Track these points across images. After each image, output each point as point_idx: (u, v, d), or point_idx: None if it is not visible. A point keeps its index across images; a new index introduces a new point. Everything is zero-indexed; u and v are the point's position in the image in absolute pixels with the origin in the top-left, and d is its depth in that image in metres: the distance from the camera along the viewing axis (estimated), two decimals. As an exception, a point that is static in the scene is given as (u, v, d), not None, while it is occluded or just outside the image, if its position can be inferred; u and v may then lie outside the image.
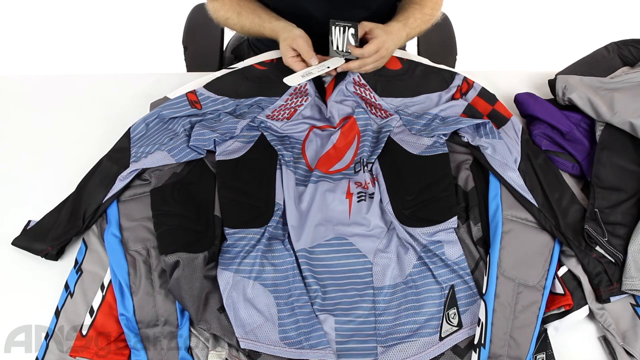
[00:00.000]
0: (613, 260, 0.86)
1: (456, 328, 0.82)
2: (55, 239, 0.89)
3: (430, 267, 0.86)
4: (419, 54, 1.35)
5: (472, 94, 1.05)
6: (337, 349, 0.81)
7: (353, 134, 1.02)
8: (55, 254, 0.90)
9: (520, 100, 1.07)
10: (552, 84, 1.06)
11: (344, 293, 0.85)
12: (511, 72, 1.21)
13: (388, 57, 1.04)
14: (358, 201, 0.94)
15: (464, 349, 0.82)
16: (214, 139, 0.97)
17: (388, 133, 1.01)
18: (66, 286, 0.87)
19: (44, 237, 0.90)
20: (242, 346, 0.79)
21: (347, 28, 0.99)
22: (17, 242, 0.92)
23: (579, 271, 0.86)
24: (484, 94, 1.05)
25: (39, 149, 1.08)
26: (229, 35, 1.43)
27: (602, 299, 0.84)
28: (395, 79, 1.07)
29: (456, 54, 1.36)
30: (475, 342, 0.81)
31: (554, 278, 0.86)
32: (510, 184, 0.92)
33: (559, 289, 0.85)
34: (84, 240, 0.91)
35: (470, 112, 1.03)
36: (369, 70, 1.03)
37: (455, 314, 0.83)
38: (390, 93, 1.06)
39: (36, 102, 1.16)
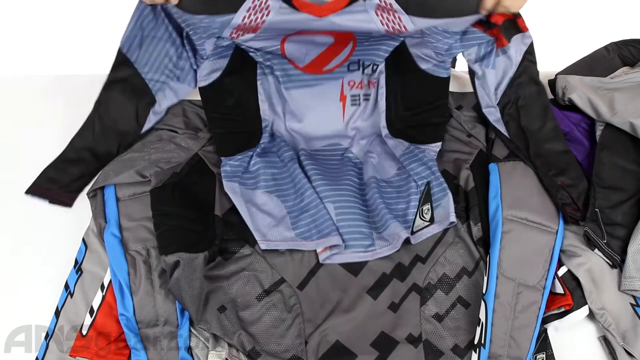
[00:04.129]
0: (611, 263, 0.86)
1: (427, 223, 0.90)
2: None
3: (409, 168, 0.95)
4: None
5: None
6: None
7: (348, 38, 0.93)
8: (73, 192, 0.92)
9: (520, 100, 1.07)
10: (552, 84, 1.06)
11: (339, 185, 0.93)
12: (511, 72, 1.20)
13: None
14: (352, 105, 0.96)
15: (464, 349, 0.82)
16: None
17: (401, 39, 0.93)
18: (66, 286, 0.87)
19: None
20: (262, 247, 0.87)
21: None
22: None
23: (579, 271, 0.86)
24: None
25: (39, 149, 1.07)
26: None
27: (567, 221, 0.89)
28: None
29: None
30: (476, 342, 0.81)
31: (554, 278, 0.86)
32: (487, 116, 0.96)
33: (559, 289, 0.85)
34: (84, 240, 0.91)
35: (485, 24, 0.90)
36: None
37: (428, 210, 0.91)
38: (422, 12, 0.84)
39: (37, 102, 1.16)
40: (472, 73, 0.97)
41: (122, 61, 0.94)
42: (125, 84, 0.94)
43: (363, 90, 0.96)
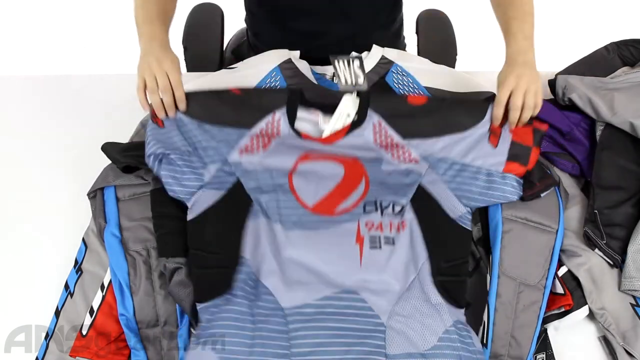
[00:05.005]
0: (612, 262, 0.86)
1: None
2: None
3: (458, 344, 0.77)
4: (418, 53, 1.35)
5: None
6: None
7: (360, 173, 0.88)
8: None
9: (520, 100, 1.07)
10: (552, 84, 1.06)
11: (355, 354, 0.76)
12: (511, 72, 1.20)
13: (537, 86, 0.86)
14: (371, 248, 0.83)
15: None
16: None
17: (418, 179, 0.86)
18: (66, 286, 0.87)
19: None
20: None
21: (351, 60, 0.88)
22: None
23: (579, 271, 0.86)
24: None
25: (39, 149, 1.07)
26: (228, 35, 1.43)
27: (526, 199, 0.88)
28: (419, 115, 0.90)
29: (456, 54, 1.36)
30: (476, 342, 0.81)
31: (554, 278, 0.86)
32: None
33: (559, 289, 0.85)
34: (84, 240, 0.91)
35: (515, 151, 0.88)
36: (529, 112, 0.87)
37: None
38: (414, 132, 0.88)
39: (36, 102, 1.16)
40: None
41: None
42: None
43: (384, 233, 0.83)
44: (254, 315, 0.78)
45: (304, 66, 1.06)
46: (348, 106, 0.91)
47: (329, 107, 0.91)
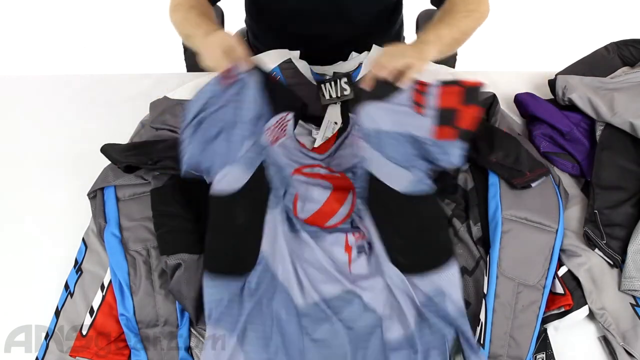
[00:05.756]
0: (612, 262, 0.86)
1: None
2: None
3: (431, 320, 0.80)
4: (419, 54, 1.35)
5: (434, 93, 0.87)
6: None
7: (347, 188, 0.93)
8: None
9: (521, 100, 1.07)
10: (552, 84, 1.06)
11: (363, 350, 0.80)
12: (511, 72, 1.21)
13: (407, 60, 0.84)
14: (358, 254, 0.87)
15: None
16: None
17: (364, 166, 0.88)
18: (66, 286, 0.87)
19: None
20: None
21: (338, 80, 0.98)
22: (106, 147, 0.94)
23: (579, 271, 0.86)
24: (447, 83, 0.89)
25: (39, 149, 1.08)
26: (229, 35, 1.43)
27: (517, 187, 0.89)
28: (363, 96, 0.89)
29: (456, 54, 1.36)
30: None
31: (554, 278, 0.86)
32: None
33: (559, 289, 0.85)
34: (84, 240, 0.91)
35: (441, 116, 0.86)
36: (400, 58, 0.84)
37: None
38: (354, 110, 0.90)
39: (36, 102, 1.16)
40: None
41: None
42: None
43: (366, 239, 0.87)
44: (272, 311, 0.81)
45: (303, 66, 1.06)
46: (334, 115, 0.99)
47: (319, 119, 1.01)
